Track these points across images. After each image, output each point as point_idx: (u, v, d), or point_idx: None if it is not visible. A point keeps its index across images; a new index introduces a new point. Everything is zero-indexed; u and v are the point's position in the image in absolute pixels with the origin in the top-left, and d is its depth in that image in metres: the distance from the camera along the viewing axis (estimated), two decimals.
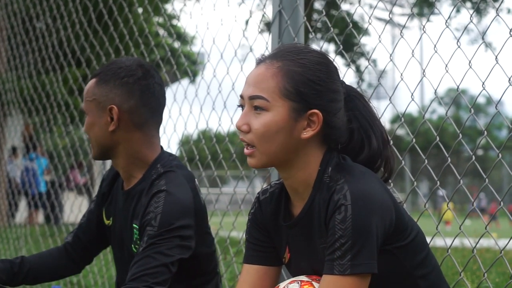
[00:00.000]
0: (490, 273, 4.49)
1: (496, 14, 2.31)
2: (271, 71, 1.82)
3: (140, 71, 2.40)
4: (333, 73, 1.86)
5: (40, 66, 5.89)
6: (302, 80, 1.81)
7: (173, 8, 4.95)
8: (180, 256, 2.28)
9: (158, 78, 2.44)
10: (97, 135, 2.41)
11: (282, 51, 1.87)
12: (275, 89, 1.80)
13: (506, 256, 6.29)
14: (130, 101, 2.38)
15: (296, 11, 2.97)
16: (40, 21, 6.02)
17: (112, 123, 2.37)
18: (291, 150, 1.82)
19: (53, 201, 6.36)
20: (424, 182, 29.31)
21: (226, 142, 3.51)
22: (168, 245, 2.26)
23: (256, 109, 1.81)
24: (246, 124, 1.82)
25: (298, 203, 1.89)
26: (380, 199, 1.75)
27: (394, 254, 1.81)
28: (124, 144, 2.40)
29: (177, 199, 2.31)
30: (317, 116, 1.81)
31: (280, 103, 1.80)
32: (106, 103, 2.38)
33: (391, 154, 1.95)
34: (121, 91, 2.37)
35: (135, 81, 2.38)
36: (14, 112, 6.73)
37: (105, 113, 2.38)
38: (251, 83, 1.84)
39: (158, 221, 2.27)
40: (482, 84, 2.29)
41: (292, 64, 1.82)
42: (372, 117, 1.93)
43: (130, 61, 2.44)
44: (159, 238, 2.26)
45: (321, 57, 1.86)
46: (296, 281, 1.86)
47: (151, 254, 2.25)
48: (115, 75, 2.39)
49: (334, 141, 1.87)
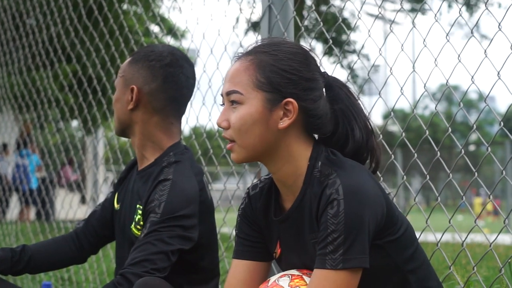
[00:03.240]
0: (480, 267, 4.49)
1: (485, 8, 2.31)
2: (244, 65, 1.85)
3: (169, 58, 2.45)
4: (309, 62, 1.86)
5: (30, 62, 5.87)
6: (273, 70, 1.82)
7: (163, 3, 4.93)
8: (180, 246, 2.29)
9: (188, 70, 2.48)
10: (118, 111, 2.49)
11: (257, 46, 1.89)
12: (248, 81, 1.82)
13: (497, 250, 6.30)
14: (152, 84, 2.43)
15: (286, 6, 2.96)
16: (30, 17, 5.99)
17: (131, 102, 2.44)
18: (270, 142, 1.82)
19: (44, 197, 6.34)
20: (416, 178, 29.35)
21: (216, 137, 3.50)
22: (169, 234, 2.28)
23: (233, 103, 1.84)
24: (226, 120, 1.85)
25: (288, 198, 1.89)
26: (372, 193, 1.75)
27: (384, 249, 1.81)
28: (141, 124, 2.45)
29: (182, 189, 2.34)
30: (292, 104, 1.81)
31: (254, 95, 1.81)
32: (131, 81, 2.45)
33: (376, 145, 1.95)
34: (146, 73, 2.44)
35: (162, 66, 2.44)
36: (5, 108, 6.70)
37: (128, 91, 2.45)
38: (227, 79, 1.87)
39: (162, 208, 2.30)
40: (471, 78, 2.29)
41: (264, 55, 1.84)
42: (356, 108, 1.92)
43: (165, 47, 2.51)
44: (161, 226, 2.28)
45: (295, 48, 1.87)
46: (286, 275, 1.86)
47: (152, 241, 2.27)
48: (145, 57, 2.46)
49: (318, 130, 1.87)
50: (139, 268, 2.23)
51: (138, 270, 2.23)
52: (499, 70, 2.19)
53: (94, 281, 4.82)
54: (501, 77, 2.19)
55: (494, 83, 2.22)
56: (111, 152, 10.60)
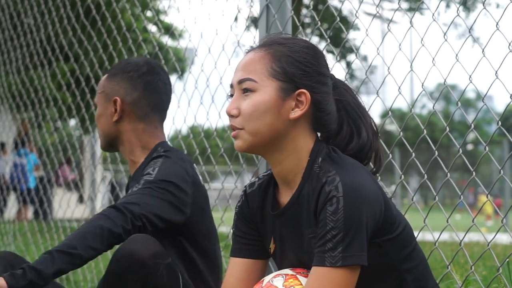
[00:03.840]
0: (478, 267, 4.49)
1: (483, 7, 2.31)
2: (259, 54, 1.86)
3: (145, 67, 2.57)
4: (321, 58, 1.89)
5: (28, 61, 5.86)
6: (289, 61, 1.84)
7: (161, 2, 4.93)
8: (169, 216, 2.33)
9: (164, 77, 2.60)
10: (103, 125, 2.58)
11: (270, 39, 1.91)
12: (262, 70, 1.83)
13: (494, 250, 6.30)
14: (134, 93, 2.54)
15: (284, 5, 2.96)
16: (28, 16, 5.99)
17: (115, 114, 2.53)
18: (279, 131, 1.83)
19: (42, 196, 6.34)
20: (414, 177, 29.37)
21: (214, 137, 3.50)
22: (161, 196, 2.33)
23: (245, 91, 1.84)
24: (236, 108, 1.85)
25: (286, 192, 1.89)
26: (371, 191, 1.76)
27: (381, 247, 1.81)
28: (127, 134, 2.55)
29: (176, 164, 2.43)
30: (305, 95, 1.83)
31: (268, 83, 1.83)
32: (112, 95, 2.55)
33: (380, 146, 1.96)
34: (126, 84, 2.55)
35: (140, 75, 2.55)
36: (2, 107, 6.69)
37: (111, 105, 2.55)
38: (239, 69, 1.88)
39: (156, 172, 2.38)
40: (469, 77, 2.29)
41: (280, 47, 1.86)
42: (361, 108, 1.94)
43: (139, 59, 2.64)
44: (155, 185, 2.34)
45: (308, 43, 1.91)
46: (280, 275, 1.86)
47: (143, 193, 2.32)
48: (122, 69, 2.57)
49: (324, 127, 1.87)
50: (120, 208, 2.24)
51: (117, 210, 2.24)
52: (497, 70, 2.19)
53: (92, 280, 4.82)
54: (498, 77, 2.19)
55: (492, 83, 2.22)
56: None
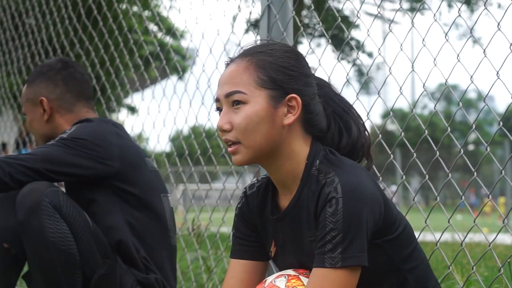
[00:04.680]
0: (479, 267, 4.49)
1: (484, 7, 2.31)
2: (242, 65, 1.84)
3: (59, 64, 2.72)
4: (302, 60, 1.89)
5: (29, 61, 5.87)
6: (274, 68, 1.82)
7: (162, 3, 4.93)
8: (77, 167, 2.43)
9: (79, 68, 2.76)
10: (38, 129, 2.71)
11: (249, 48, 1.88)
12: (249, 80, 1.81)
13: (496, 250, 6.29)
14: (56, 90, 2.69)
15: (285, 6, 2.96)
16: (30, 17, 5.99)
17: (45, 113, 2.68)
18: (275, 139, 1.82)
19: None
20: (415, 177, 29.35)
21: (215, 137, 3.50)
22: (68, 150, 2.44)
23: (234, 104, 1.81)
24: (228, 122, 1.82)
25: (285, 196, 1.89)
26: (370, 192, 1.75)
27: (382, 248, 1.81)
28: (62, 127, 2.67)
29: (95, 125, 2.55)
30: (296, 100, 1.82)
31: (257, 93, 1.81)
32: (36, 98, 2.69)
33: (368, 138, 1.95)
34: (46, 84, 2.69)
35: (56, 72, 2.69)
36: (4, 108, 6.70)
37: (38, 107, 2.69)
38: (224, 82, 1.85)
39: (70, 131, 2.50)
40: (470, 77, 2.29)
41: (262, 55, 1.84)
42: (345, 103, 1.94)
43: (51, 59, 2.79)
44: (65, 141, 2.46)
45: (288, 47, 1.90)
46: (283, 275, 1.85)
47: (49, 147, 2.46)
48: (39, 73, 2.72)
49: (315, 127, 1.87)
50: (25, 159, 2.41)
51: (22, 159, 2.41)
52: (498, 70, 2.19)
53: None
54: (500, 77, 2.19)
55: (493, 83, 2.21)
56: None
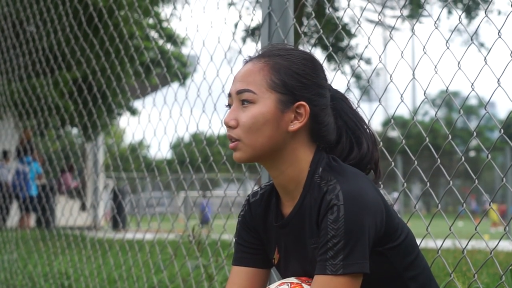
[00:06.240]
0: (481, 274, 4.48)
1: (485, 15, 2.32)
2: (258, 65, 1.85)
3: None
4: (319, 70, 1.89)
5: (30, 69, 5.87)
6: (288, 73, 1.83)
7: (163, 10, 4.95)
8: None
9: None
10: None
11: (269, 49, 1.90)
12: (262, 81, 1.83)
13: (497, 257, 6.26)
14: None
15: (286, 13, 2.97)
16: (31, 25, 6.00)
17: None
18: (278, 143, 1.83)
19: (44, 204, 6.34)
20: (416, 184, 29.34)
21: (216, 144, 3.50)
22: None
23: (244, 103, 1.83)
24: (234, 119, 1.84)
25: (288, 203, 1.89)
26: (372, 199, 1.75)
27: (384, 255, 1.81)
28: None
29: None
30: (304, 108, 1.83)
31: (267, 95, 1.82)
32: None
33: (379, 155, 1.96)
34: None
35: None
36: (5, 116, 6.70)
37: None
38: (238, 79, 1.87)
39: None
40: (471, 85, 2.29)
41: (279, 58, 1.85)
42: (360, 118, 1.95)
43: None
44: None
45: (307, 55, 1.90)
46: (285, 283, 1.85)
47: None
48: None
49: (323, 138, 1.87)
50: None
51: None
52: (499, 77, 2.19)
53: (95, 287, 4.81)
54: (501, 84, 2.19)
55: (494, 91, 2.21)
56: (111, 159, 10.58)
